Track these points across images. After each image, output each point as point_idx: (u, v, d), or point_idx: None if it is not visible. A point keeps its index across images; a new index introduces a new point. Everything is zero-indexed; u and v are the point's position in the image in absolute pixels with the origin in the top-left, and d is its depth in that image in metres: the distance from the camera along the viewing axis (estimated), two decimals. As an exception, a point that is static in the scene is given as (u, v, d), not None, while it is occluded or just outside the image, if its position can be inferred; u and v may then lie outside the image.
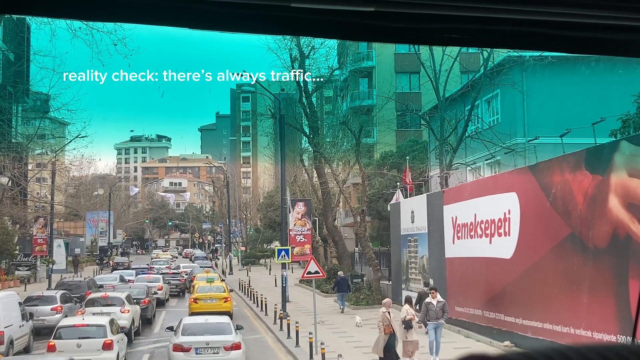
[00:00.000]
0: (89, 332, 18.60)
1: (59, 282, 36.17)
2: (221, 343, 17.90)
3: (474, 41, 2.05)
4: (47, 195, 50.62)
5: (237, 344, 18.14)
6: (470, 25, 1.82)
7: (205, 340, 17.94)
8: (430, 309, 19.83)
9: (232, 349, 17.91)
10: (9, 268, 47.95)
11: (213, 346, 17.85)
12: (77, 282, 35.75)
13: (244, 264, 71.32)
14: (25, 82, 40.95)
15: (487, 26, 1.83)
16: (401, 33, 1.89)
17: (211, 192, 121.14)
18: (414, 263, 29.09)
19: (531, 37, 1.91)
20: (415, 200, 30.19)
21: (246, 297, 39.66)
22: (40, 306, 26.18)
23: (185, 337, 18.13)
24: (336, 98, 55.63)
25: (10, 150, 38.59)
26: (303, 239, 31.30)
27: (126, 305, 25.37)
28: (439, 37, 1.94)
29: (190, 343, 17.82)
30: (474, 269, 23.37)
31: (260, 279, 52.72)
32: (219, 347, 17.85)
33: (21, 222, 49.52)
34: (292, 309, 30.61)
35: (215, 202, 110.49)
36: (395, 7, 1.76)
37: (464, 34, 1.88)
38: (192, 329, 18.64)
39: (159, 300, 35.38)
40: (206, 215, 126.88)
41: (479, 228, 22.85)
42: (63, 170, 53.49)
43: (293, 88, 50.37)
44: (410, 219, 29.36)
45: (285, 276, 30.10)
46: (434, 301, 19.98)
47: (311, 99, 38.55)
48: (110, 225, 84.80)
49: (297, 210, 31.37)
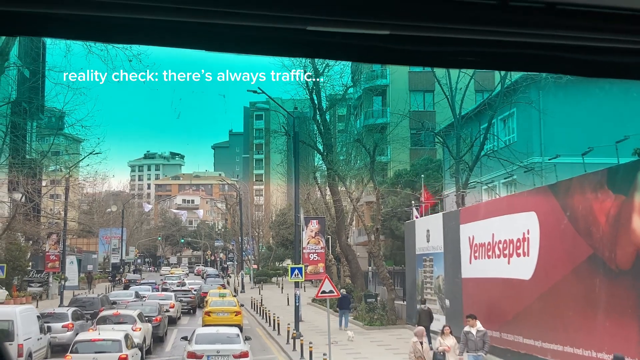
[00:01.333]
0: (105, 346, 18.83)
1: (73, 299, 36.20)
2: (230, 351, 19.36)
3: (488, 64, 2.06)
4: (61, 211, 50.55)
5: (245, 353, 19.59)
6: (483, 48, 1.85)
7: (216, 348, 19.38)
8: (470, 339, 18.08)
9: (240, 357, 19.33)
10: (22, 284, 47.74)
11: (223, 354, 19.25)
12: (90, 298, 35.83)
13: (256, 282, 70.87)
14: (40, 98, 41.01)
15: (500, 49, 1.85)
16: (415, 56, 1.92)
17: (223, 210, 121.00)
18: (430, 283, 28.59)
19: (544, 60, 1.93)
20: (430, 219, 29.75)
21: (258, 315, 39.23)
22: (52, 323, 25.94)
23: (198, 346, 19.63)
24: (349, 116, 55.28)
25: (24, 167, 38.52)
26: (316, 258, 30.91)
27: (138, 323, 25.13)
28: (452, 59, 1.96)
29: (202, 351, 19.29)
30: (491, 289, 22.87)
31: (273, 297, 52.26)
32: (229, 355, 19.25)
33: (34, 238, 49.42)
34: (305, 328, 30.16)
35: (228, 220, 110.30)
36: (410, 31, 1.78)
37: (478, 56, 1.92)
38: (205, 339, 20.22)
39: (171, 318, 35.23)
40: (218, 232, 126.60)
41: (496, 248, 22.38)
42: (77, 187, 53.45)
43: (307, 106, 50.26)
44: (425, 238, 28.91)
45: (298, 295, 29.68)
46: (473, 330, 18.20)
47: (325, 116, 38.31)
48: (123, 242, 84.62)
49: (310, 229, 30.99)
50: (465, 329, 18.25)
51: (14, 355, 19.66)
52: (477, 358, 18.01)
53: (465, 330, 18.20)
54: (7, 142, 34.63)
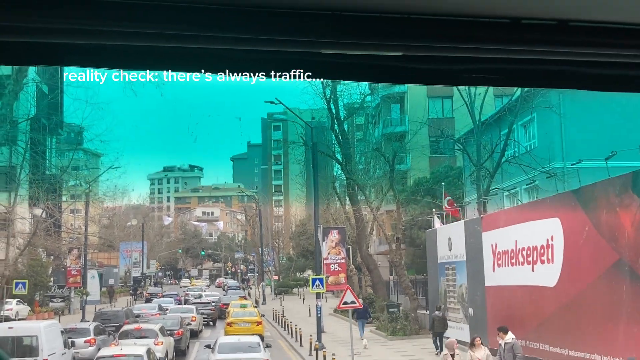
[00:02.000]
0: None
1: (97, 313, 36.63)
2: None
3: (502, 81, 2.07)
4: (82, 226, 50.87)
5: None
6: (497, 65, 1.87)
7: (238, 357, 19.90)
8: (499, 352, 17.73)
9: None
10: (43, 300, 48.02)
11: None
12: (115, 311, 36.41)
13: (277, 293, 70.78)
14: (59, 114, 41.35)
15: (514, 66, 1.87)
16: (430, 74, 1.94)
17: (243, 221, 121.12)
18: (453, 292, 28.34)
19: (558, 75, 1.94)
20: (452, 227, 29.52)
21: (280, 327, 39.11)
22: (74, 338, 26.01)
23: (221, 355, 20.16)
24: (367, 125, 55.17)
25: (44, 182, 38.85)
26: (337, 268, 30.78)
27: (160, 337, 25.12)
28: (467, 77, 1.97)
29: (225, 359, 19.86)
30: (515, 297, 22.60)
31: (294, 308, 52.09)
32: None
33: (55, 253, 49.75)
34: (328, 339, 30.01)
35: (248, 231, 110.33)
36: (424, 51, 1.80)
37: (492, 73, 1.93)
38: (227, 347, 20.82)
39: (193, 331, 35.20)
40: (238, 244, 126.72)
41: (520, 255, 22.12)
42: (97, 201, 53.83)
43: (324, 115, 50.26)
44: (447, 247, 28.68)
45: (320, 306, 29.56)
46: (502, 342, 17.73)
47: (343, 126, 38.25)
48: (144, 256, 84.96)
49: (330, 239, 30.88)
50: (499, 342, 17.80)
51: None
52: None
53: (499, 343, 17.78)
54: (27, 159, 34.93)
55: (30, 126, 37.46)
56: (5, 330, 22.23)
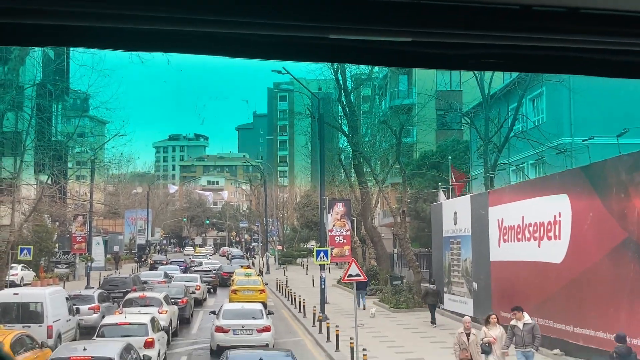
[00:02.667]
0: (131, 330, 18.71)
1: (106, 279, 37.22)
2: (255, 326, 21.23)
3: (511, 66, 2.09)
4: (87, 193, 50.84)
5: (268, 327, 21.43)
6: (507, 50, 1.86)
7: (242, 323, 21.26)
8: (517, 334, 16.13)
9: (263, 331, 21.22)
10: (48, 265, 48.20)
11: (248, 328, 21.19)
12: (122, 278, 36.86)
13: (281, 263, 70.98)
14: (65, 80, 41.01)
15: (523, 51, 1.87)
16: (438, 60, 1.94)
17: (248, 191, 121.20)
18: (457, 266, 28.28)
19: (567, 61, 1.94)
20: (458, 202, 29.38)
21: (284, 297, 39.18)
22: (78, 305, 25.96)
23: (225, 321, 21.41)
24: (374, 97, 54.75)
25: (50, 148, 38.67)
26: (342, 240, 30.67)
27: (164, 305, 25.14)
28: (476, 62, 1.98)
29: (229, 325, 21.16)
30: (521, 273, 22.52)
31: (297, 278, 52.27)
32: (253, 330, 21.15)
33: (60, 220, 49.78)
34: (331, 310, 30.05)
35: (252, 201, 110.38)
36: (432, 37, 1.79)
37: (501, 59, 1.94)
38: (231, 314, 21.94)
39: (197, 299, 35.39)
40: (243, 214, 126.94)
41: (527, 231, 21.99)
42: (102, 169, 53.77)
43: (331, 86, 49.83)
44: (452, 221, 28.56)
45: (324, 278, 29.55)
46: (520, 323, 16.20)
47: (350, 97, 37.89)
48: (149, 223, 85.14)
49: (336, 211, 30.73)
50: (512, 322, 16.45)
51: (44, 337, 19.81)
52: (526, 354, 16.07)
53: (511, 324, 16.41)
54: (32, 125, 34.73)
55: (36, 92, 37.21)
56: (11, 296, 22.35)
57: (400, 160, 34.70)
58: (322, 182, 30.48)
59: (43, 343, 18.25)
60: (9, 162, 38.22)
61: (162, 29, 1.76)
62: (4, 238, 34.84)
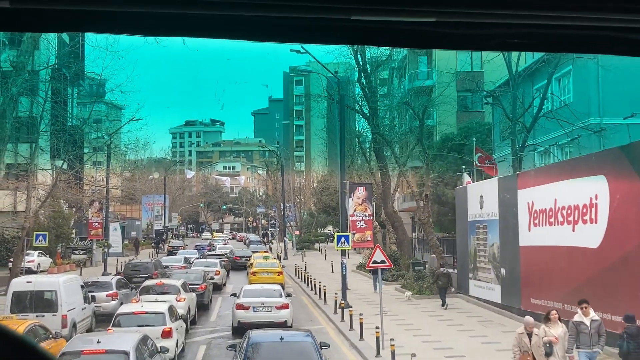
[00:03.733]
0: (148, 319, 18.07)
1: (128, 264, 37.40)
2: (273, 303, 22.39)
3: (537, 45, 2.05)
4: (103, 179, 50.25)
5: (286, 305, 22.56)
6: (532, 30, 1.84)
7: (261, 301, 22.43)
8: (583, 332, 14.14)
9: (282, 308, 22.32)
10: (65, 252, 47.77)
11: (267, 305, 22.29)
12: (144, 263, 37.38)
13: (299, 248, 70.27)
14: (80, 62, 40.28)
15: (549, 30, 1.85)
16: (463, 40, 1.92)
17: (264, 176, 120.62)
18: (483, 251, 27.28)
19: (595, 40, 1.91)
20: (484, 185, 28.33)
21: (303, 283, 38.41)
22: (96, 292, 25.60)
23: (246, 299, 22.58)
24: (392, 79, 53.59)
25: (65, 133, 38.04)
26: (364, 225, 29.72)
27: (182, 293, 24.50)
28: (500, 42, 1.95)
29: (249, 303, 22.29)
30: (553, 258, 21.47)
31: (316, 264, 51.50)
32: (272, 307, 22.25)
33: (77, 205, 49.26)
34: (352, 297, 29.18)
35: (269, 186, 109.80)
36: (457, 17, 1.79)
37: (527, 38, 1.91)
38: (251, 293, 23.28)
39: (216, 284, 35.39)
40: (259, 199, 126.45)
41: (560, 214, 20.91)
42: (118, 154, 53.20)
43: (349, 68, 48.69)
44: (478, 205, 27.52)
45: (345, 264, 28.64)
46: (587, 320, 14.25)
47: (370, 78, 36.82)
48: (166, 209, 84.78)
49: (357, 195, 29.76)
50: (576, 318, 14.47)
51: (58, 326, 19.20)
52: (592, 356, 14.17)
53: (575, 320, 14.44)
54: (47, 109, 34.02)
55: (50, 76, 36.52)
56: (24, 284, 21.74)
57: (424, 142, 33.61)
58: (342, 165, 29.52)
59: (57, 333, 17.63)
60: (24, 147, 37.64)
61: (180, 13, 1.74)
62: (20, 224, 34.30)
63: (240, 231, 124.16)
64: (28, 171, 33.80)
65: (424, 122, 33.68)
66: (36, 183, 35.95)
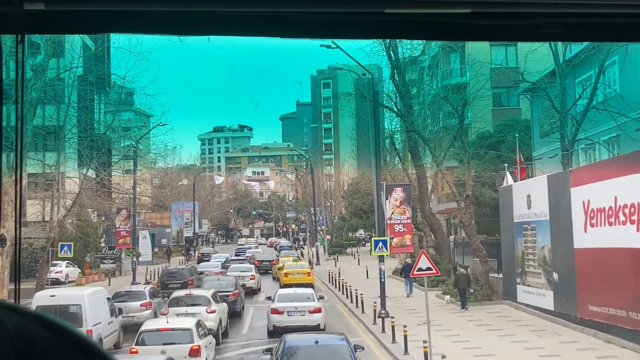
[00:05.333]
0: (174, 336, 16.69)
1: (164, 271, 37.86)
2: (307, 307, 23.16)
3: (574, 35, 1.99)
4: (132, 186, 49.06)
5: (319, 309, 23.31)
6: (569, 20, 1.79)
7: (295, 305, 23.17)
8: None
9: (314, 312, 23.08)
10: (94, 261, 46.80)
11: (300, 310, 23.06)
12: (180, 269, 37.99)
13: (331, 253, 68.62)
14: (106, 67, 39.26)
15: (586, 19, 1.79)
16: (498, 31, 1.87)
17: (293, 181, 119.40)
18: (532, 254, 25.39)
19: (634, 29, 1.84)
20: (532, 183, 26.50)
21: (338, 290, 36.78)
22: (129, 302, 25.07)
23: (280, 303, 23.39)
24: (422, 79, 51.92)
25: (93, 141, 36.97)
26: (402, 229, 27.94)
27: (212, 304, 23.26)
28: (536, 33, 1.88)
29: (283, 307, 23.09)
30: (614, 261, 19.55)
31: (350, 269, 49.86)
32: (305, 311, 23.03)
33: (106, 214, 48.23)
34: (391, 305, 27.42)
35: (298, 190, 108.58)
36: (492, 8, 1.76)
37: (562, 28, 1.85)
38: (285, 297, 24.06)
39: (252, 289, 36.35)
40: (289, 203, 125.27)
41: (621, 214, 18.98)
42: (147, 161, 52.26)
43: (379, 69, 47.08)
44: (525, 204, 25.66)
45: (383, 270, 26.92)
46: None
47: (404, 74, 35.13)
48: (196, 216, 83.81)
49: (394, 197, 28.01)
50: None
51: None
52: None
53: None
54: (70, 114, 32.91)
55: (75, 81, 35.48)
56: (47, 298, 20.67)
57: (464, 139, 31.81)
58: (377, 165, 27.91)
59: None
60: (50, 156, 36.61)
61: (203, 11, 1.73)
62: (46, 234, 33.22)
63: (270, 236, 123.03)
64: (52, 179, 32.70)
65: (463, 118, 31.86)
66: (63, 192, 34.87)
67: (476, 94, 36.43)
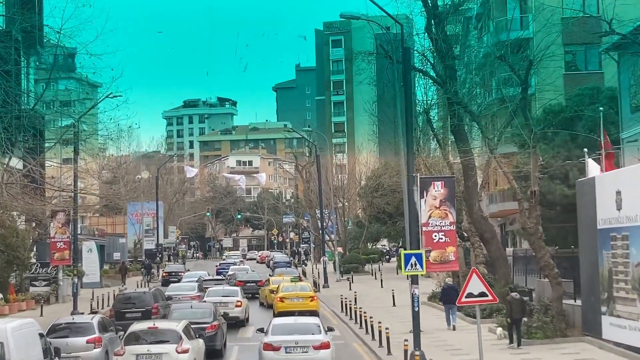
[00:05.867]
0: None
1: (119, 295, 37.78)
2: (310, 342, 23.24)
3: None
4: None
5: (326, 344, 23.38)
6: None
7: (295, 339, 23.30)
8: None
9: (321, 348, 23.15)
10: (22, 283, 46.81)
11: (302, 345, 23.18)
12: (140, 293, 37.43)
13: (344, 271, 68.67)
14: (36, 18, 39.18)
15: None
16: None
17: (292, 173, 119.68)
18: (624, 273, 25.20)
19: None
20: (622, 175, 26.36)
21: (353, 322, 36.71)
22: (71, 337, 25.20)
23: (275, 337, 23.56)
24: (469, 33, 51.88)
25: (18, 119, 36.86)
26: (444, 238, 27.41)
27: (184, 341, 23.27)
28: None
29: (280, 342, 23.19)
30: None
31: (370, 294, 49.98)
32: (308, 347, 23.15)
33: (37, 219, 48.16)
34: (427, 344, 27.25)
35: (299, 187, 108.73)
36: None
37: None
38: (282, 329, 24.28)
39: (238, 320, 36.77)
40: (287, 204, 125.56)
41: None
42: (93, 147, 52.10)
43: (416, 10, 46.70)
44: (614, 204, 25.52)
45: (417, 295, 26.51)
46: None
47: (445, 26, 34.97)
48: (160, 221, 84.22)
49: (432, 195, 27.46)
50: None
51: None
52: None
53: None
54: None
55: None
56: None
57: (528, 115, 31.58)
58: (409, 150, 27.39)
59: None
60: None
61: None
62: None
63: (261, 248, 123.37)
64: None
65: (527, 85, 31.58)
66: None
67: (543, 54, 36.26)
